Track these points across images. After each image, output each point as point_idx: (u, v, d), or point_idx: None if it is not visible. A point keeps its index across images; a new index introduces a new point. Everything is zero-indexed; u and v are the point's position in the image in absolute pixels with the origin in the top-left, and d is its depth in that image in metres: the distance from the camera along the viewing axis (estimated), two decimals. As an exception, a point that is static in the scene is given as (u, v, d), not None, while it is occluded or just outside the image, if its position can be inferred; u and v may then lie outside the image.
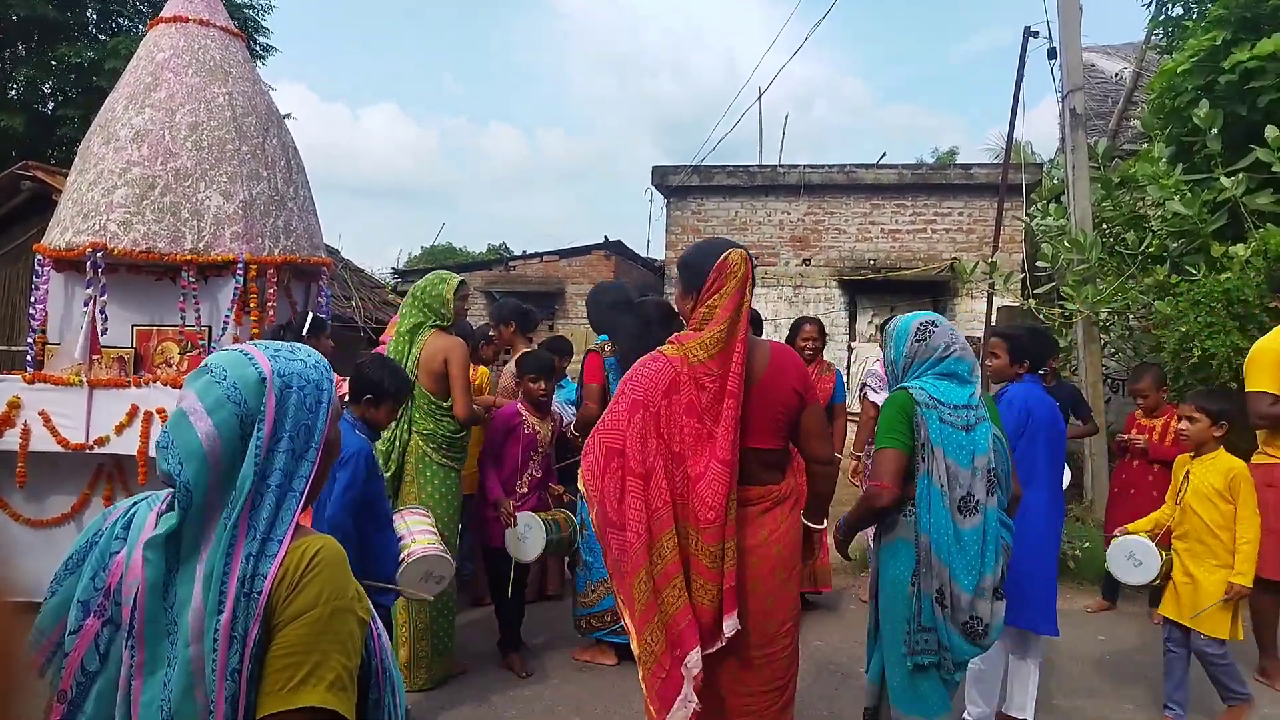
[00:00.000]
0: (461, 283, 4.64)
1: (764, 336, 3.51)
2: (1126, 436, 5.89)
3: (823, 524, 2.96)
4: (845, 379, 5.97)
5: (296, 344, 1.50)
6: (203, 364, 1.40)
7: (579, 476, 2.72)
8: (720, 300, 2.61)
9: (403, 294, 13.38)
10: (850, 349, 11.51)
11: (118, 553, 1.35)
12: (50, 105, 12.33)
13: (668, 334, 4.59)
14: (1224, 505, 3.92)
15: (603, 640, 4.76)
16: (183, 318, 4.81)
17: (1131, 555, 4.05)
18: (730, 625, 2.53)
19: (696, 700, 2.49)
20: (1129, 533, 4.15)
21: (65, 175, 10.07)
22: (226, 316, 4.78)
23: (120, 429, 4.64)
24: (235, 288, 4.80)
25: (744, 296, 2.63)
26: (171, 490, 1.37)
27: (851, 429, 6.41)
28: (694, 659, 2.48)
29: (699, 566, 2.53)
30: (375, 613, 1.44)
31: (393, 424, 4.35)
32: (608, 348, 4.93)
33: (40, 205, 9.76)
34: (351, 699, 1.32)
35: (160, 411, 4.54)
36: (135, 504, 1.42)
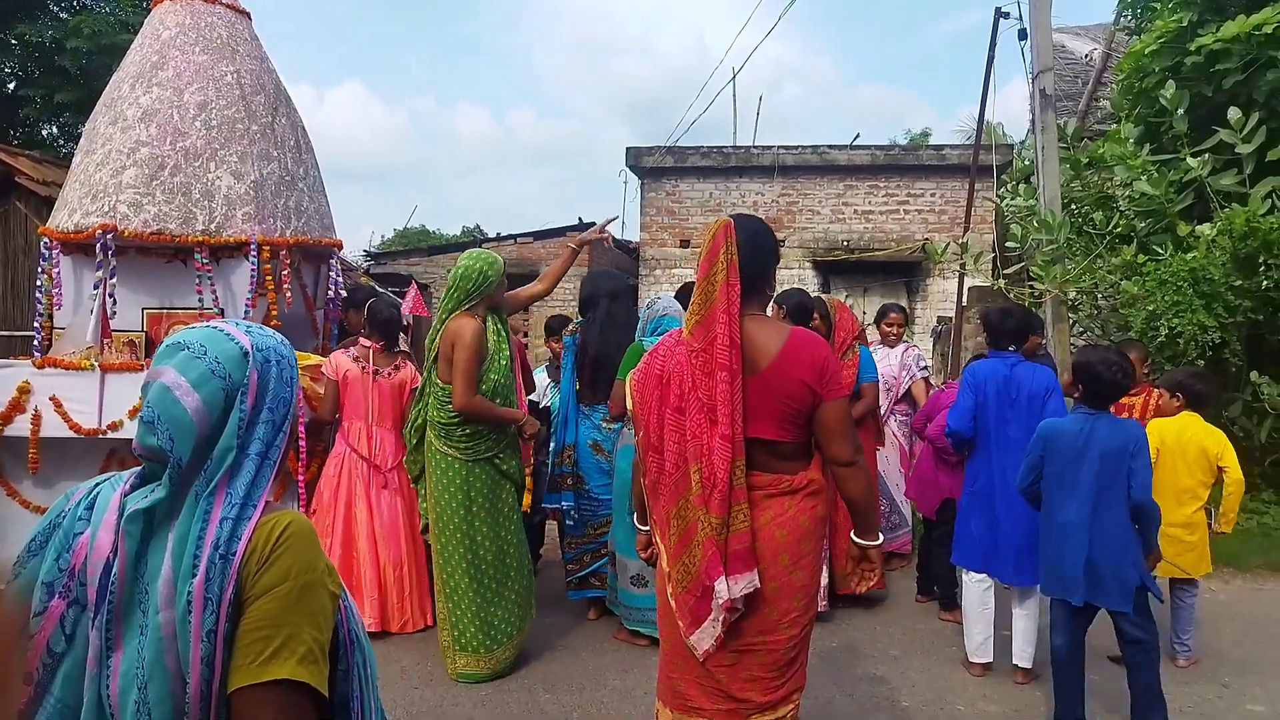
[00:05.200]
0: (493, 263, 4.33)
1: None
2: None
3: (878, 539, 2.69)
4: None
5: (263, 325, 1.54)
6: (172, 341, 1.42)
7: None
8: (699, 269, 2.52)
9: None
10: (824, 329, 11.68)
11: (81, 533, 1.35)
12: (11, 85, 11.95)
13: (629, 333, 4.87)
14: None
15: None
16: (201, 301, 4.75)
17: None
18: (742, 586, 2.43)
19: (722, 626, 2.47)
20: None
21: (28, 157, 9.87)
22: (248, 299, 4.73)
23: (134, 413, 4.59)
24: (251, 269, 4.76)
25: (715, 260, 2.47)
26: (135, 470, 1.40)
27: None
28: (721, 587, 2.44)
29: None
30: (345, 587, 1.47)
31: (414, 406, 4.38)
32: (571, 326, 5.13)
33: (1, 187, 9.53)
34: (323, 672, 1.33)
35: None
36: (97, 485, 1.42)
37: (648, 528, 2.80)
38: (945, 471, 5.24)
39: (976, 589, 4.42)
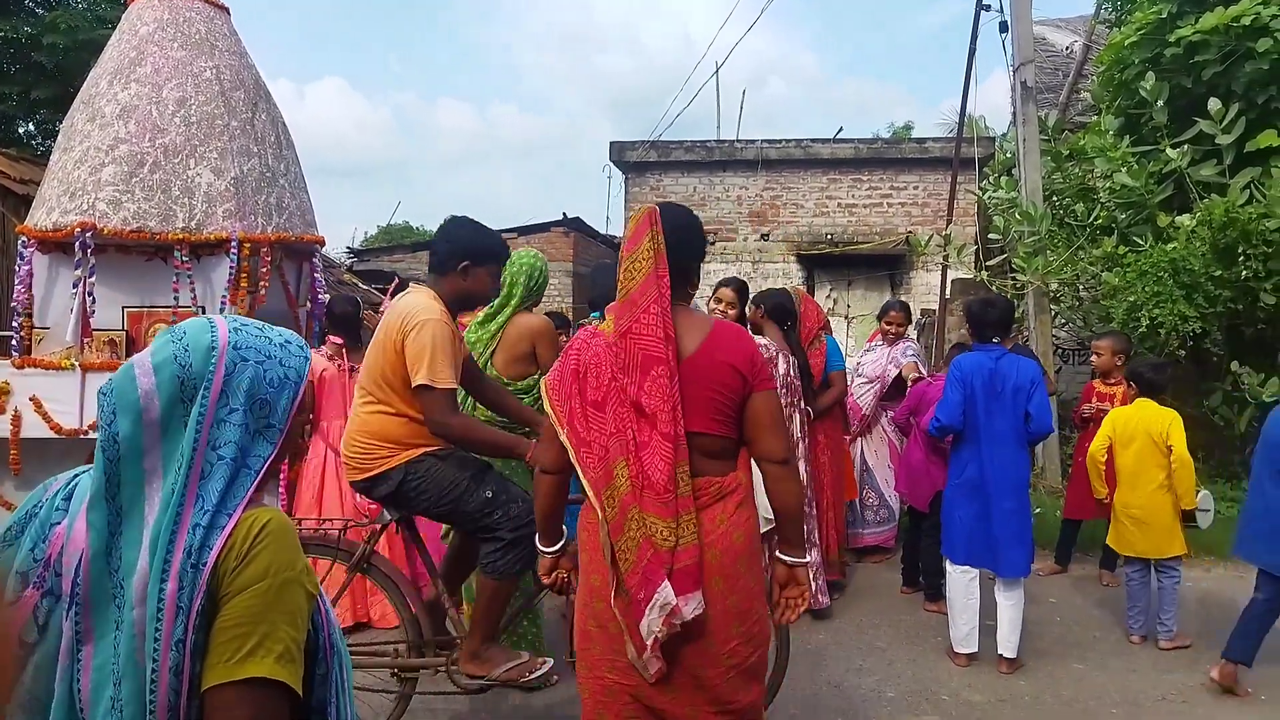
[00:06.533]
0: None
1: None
2: (1090, 405, 6.06)
3: (804, 556, 2.48)
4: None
5: (279, 327, 1.51)
6: (177, 326, 1.42)
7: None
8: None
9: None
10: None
11: (58, 524, 1.33)
12: (-15, 83, 11.81)
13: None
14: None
15: None
16: (177, 299, 4.73)
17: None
18: (693, 607, 2.23)
19: (654, 648, 2.25)
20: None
21: (4, 155, 9.73)
22: (224, 297, 4.71)
23: (115, 412, 4.55)
24: (230, 267, 4.73)
25: (639, 246, 2.34)
26: None
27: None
28: (666, 594, 2.21)
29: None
30: (322, 589, 1.45)
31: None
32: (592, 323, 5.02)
33: (-23, 188, 9.40)
34: (298, 672, 1.31)
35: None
36: (76, 476, 1.40)
37: (552, 550, 2.63)
38: (937, 464, 5.28)
39: (961, 580, 4.48)
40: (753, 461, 2.47)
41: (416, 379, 3.08)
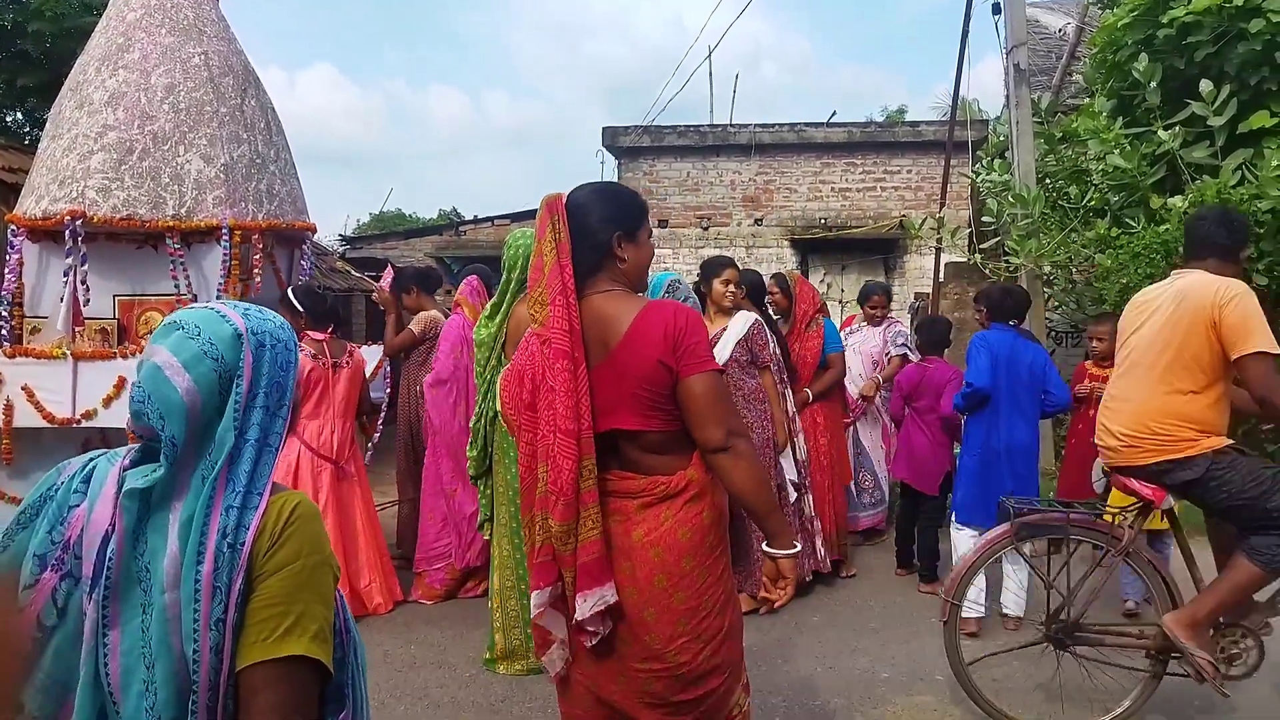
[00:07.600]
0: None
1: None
2: (1084, 386, 6.08)
3: (789, 548, 2.26)
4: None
5: (262, 307, 1.52)
6: (169, 320, 1.41)
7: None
8: None
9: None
10: (802, 306, 11.71)
11: (77, 506, 1.33)
12: (-30, 71, 11.70)
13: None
14: None
15: None
16: (176, 286, 4.70)
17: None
18: (592, 604, 2.16)
19: (565, 648, 2.29)
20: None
21: (-8, 144, 9.68)
22: (221, 284, 4.69)
23: (108, 401, 4.55)
24: (223, 254, 4.71)
25: (542, 241, 2.25)
26: (133, 446, 1.40)
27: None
28: (538, 599, 2.23)
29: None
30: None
31: (480, 399, 4.15)
32: None
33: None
34: (330, 651, 1.35)
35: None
36: (93, 459, 1.40)
37: None
38: (945, 445, 5.32)
39: (968, 543, 4.51)
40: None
41: (1248, 347, 3.05)
